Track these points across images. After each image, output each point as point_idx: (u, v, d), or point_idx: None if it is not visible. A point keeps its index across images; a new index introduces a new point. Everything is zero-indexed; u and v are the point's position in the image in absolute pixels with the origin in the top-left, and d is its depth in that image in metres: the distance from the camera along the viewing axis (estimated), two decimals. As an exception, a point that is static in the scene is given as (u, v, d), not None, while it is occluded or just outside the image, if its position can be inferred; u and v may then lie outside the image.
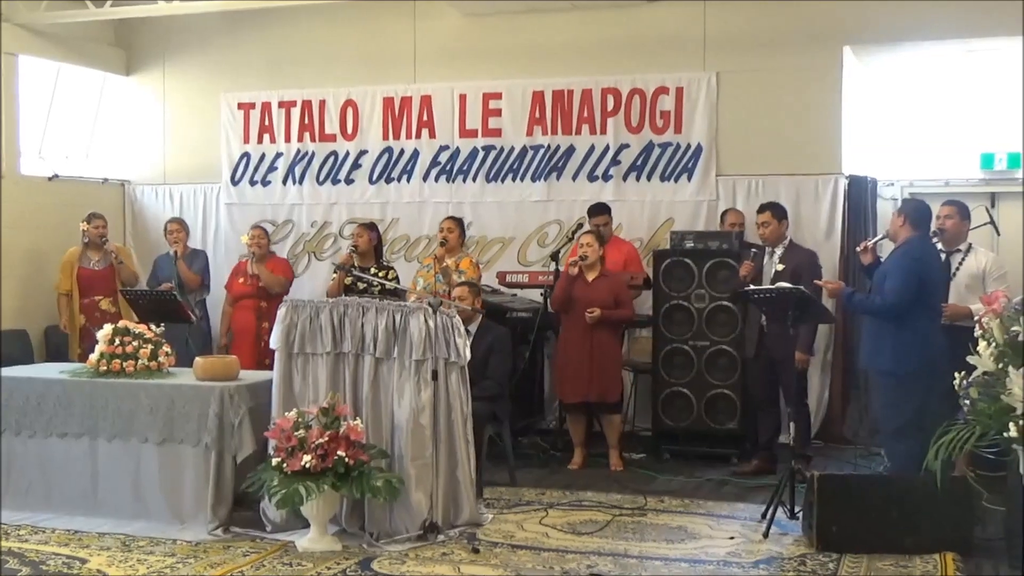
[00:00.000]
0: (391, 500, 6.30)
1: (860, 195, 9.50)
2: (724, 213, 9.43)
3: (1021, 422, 4.05)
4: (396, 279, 8.96)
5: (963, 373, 4.31)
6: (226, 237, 11.04)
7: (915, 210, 6.80)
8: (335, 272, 9.12)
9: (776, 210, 8.34)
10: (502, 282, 9.47)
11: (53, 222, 10.35)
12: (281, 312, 6.73)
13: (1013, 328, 4.16)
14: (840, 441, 9.26)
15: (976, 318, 4.42)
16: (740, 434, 8.63)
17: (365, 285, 8.71)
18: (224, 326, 9.56)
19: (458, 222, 9.21)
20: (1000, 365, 4.19)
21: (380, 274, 8.83)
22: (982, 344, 4.27)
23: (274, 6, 9.80)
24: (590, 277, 8.40)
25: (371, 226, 9.36)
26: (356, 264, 9.00)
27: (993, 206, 9.60)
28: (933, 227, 7.45)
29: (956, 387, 4.34)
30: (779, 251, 8.26)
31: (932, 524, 6.05)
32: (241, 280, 9.39)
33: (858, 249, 7.36)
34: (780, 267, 8.11)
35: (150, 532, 6.51)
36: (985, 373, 4.26)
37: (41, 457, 6.97)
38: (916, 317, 6.53)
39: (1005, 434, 4.08)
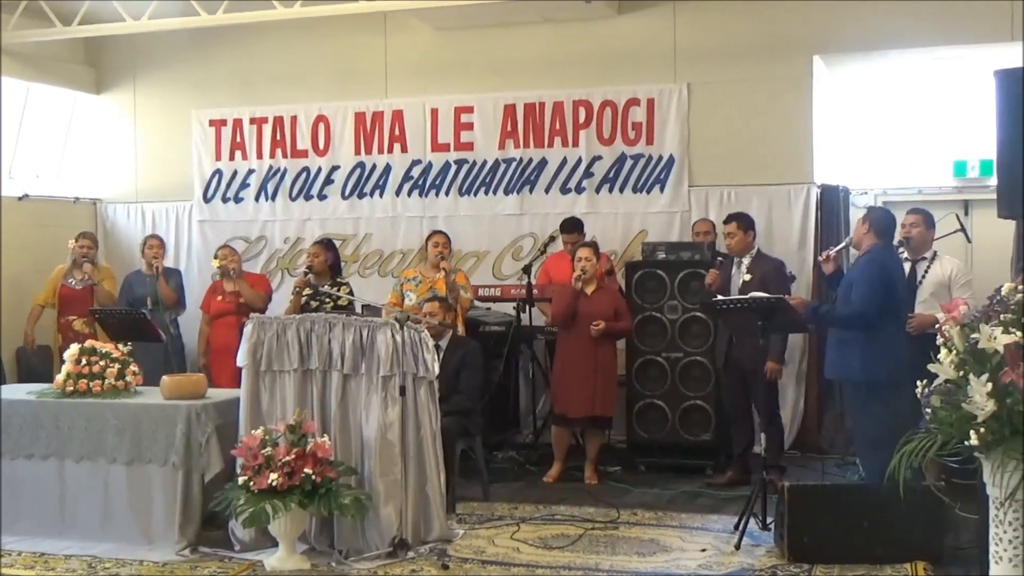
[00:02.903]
0: (359, 517, 6.26)
1: (832, 204, 9.50)
2: (695, 223, 9.40)
3: (982, 430, 4.01)
4: (350, 292, 8.83)
5: (924, 382, 4.27)
6: (198, 255, 10.98)
7: (880, 218, 6.80)
8: (292, 294, 8.98)
9: (742, 220, 8.29)
10: (475, 296, 9.43)
11: (24, 242, 10.28)
12: (247, 329, 6.69)
13: (973, 335, 4.13)
14: (816, 451, 9.23)
15: (937, 325, 4.38)
16: (715, 446, 8.60)
17: (319, 303, 8.64)
18: (202, 345, 9.44)
19: (447, 236, 9.02)
20: (961, 373, 4.16)
21: (333, 290, 8.69)
22: (943, 352, 4.24)
23: (244, 22, 9.74)
24: (589, 290, 8.38)
25: (327, 244, 9.16)
26: (312, 283, 8.77)
27: (967, 214, 9.63)
28: (899, 236, 7.47)
29: (918, 395, 4.30)
30: (746, 261, 8.21)
31: (903, 533, 6.04)
32: (219, 298, 9.26)
33: (820, 258, 7.36)
34: (748, 277, 8.06)
35: (118, 553, 6.46)
36: (947, 381, 4.22)
37: (8, 479, 6.88)
38: (883, 325, 6.52)
39: (966, 442, 4.05)
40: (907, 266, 7.51)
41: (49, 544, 6.62)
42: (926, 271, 7.52)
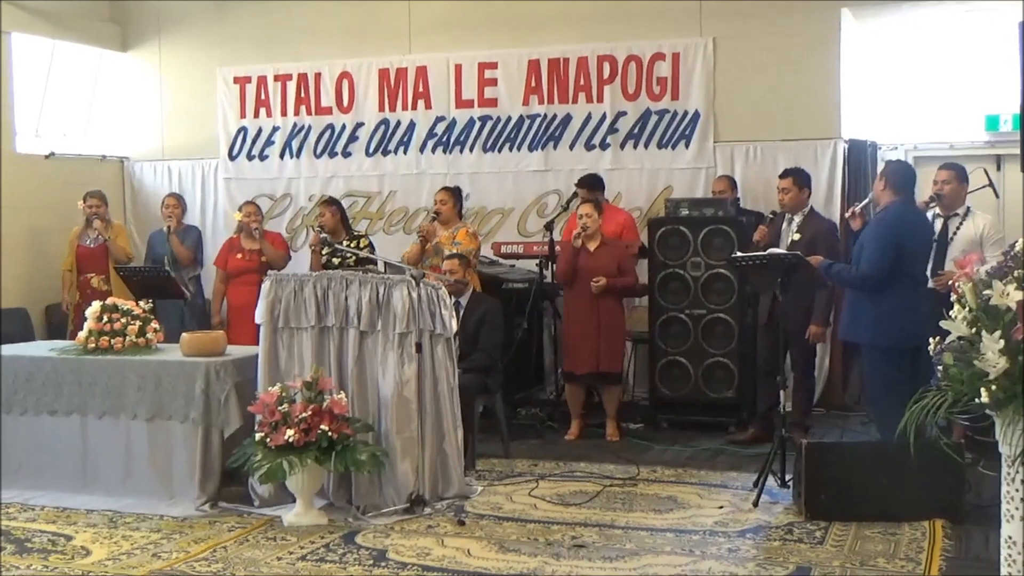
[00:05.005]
0: (376, 473, 6.30)
1: (860, 159, 9.39)
2: (713, 181, 9.32)
3: (993, 387, 3.95)
4: (369, 246, 8.89)
5: (937, 339, 4.21)
6: (225, 212, 10.99)
7: (897, 173, 6.67)
8: (311, 253, 9.01)
9: (798, 176, 8.17)
10: (497, 253, 9.45)
11: (52, 200, 10.32)
12: (265, 287, 6.71)
13: (986, 292, 4.06)
14: (842, 409, 9.20)
15: (950, 282, 4.31)
16: (737, 403, 8.56)
17: (341, 259, 8.67)
18: (217, 304, 9.46)
19: (452, 192, 9.02)
20: (974, 330, 4.09)
21: (352, 245, 8.75)
22: (956, 308, 4.17)
23: (267, -21, 9.73)
24: (592, 247, 8.34)
25: (332, 201, 9.24)
26: (329, 240, 8.79)
27: (999, 168, 9.49)
28: (931, 192, 7.37)
29: (931, 352, 4.24)
30: (798, 219, 8.09)
31: (921, 491, 5.99)
32: (239, 256, 9.28)
33: (846, 215, 7.25)
34: (797, 236, 7.93)
35: (139, 508, 6.52)
36: (959, 338, 4.16)
37: (32, 435, 6.97)
38: (895, 287, 6.43)
39: (977, 400, 3.99)
40: (939, 223, 7.42)
41: (71, 499, 6.69)
42: (958, 228, 7.40)
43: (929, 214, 7.38)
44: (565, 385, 8.67)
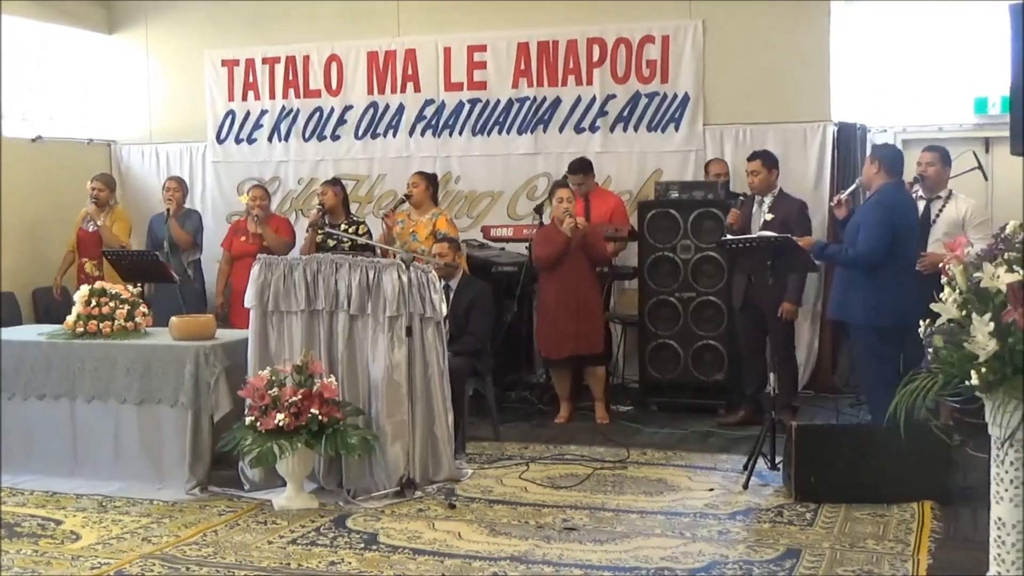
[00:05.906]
0: (366, 457, 6.30)
1: (849, 142, 9.39)
2: (708, 163, 9.32)
3: (983, 370, 3.96)
4: (367, 234, 8.87)
5: (928, 321, 4.22)
6: (213, 196, 10.98)
7: (890, 156, 6.70)
8: (307, 231, 9.02)
9: (766, 159, 8.22)
10: (486, 236, 9.41)
11: (38, 184, 10.28)
12: (254, 270, 6.69)
13: (976, 274, 4.07)
14: (831, 390, 9.21)
15: (941, 264, 4.33)
16: (727, 385, 8.58)
17: (336, 241, 8.67)
18: (221, 285, 9.40)
19: (426, 176, 9.00)
20: (964, 312, 4.10)
21: (350, 230, 8.76)
22: (946, 291, 4.19)
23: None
24: (567, 230, 8.30)
25: (335, 182, 9.25)
26: (327, 221, 8.85)
27: (987, 151, 9.49)
28: (914, 173, 7.39)
29: (920, 335, 4.25)
30: (768, 200, 8.14)
31: (910, 473, 6.02)
32: (243, 239, 9.22)
33: (831, 204, 7.28)
34: (769, 217, 7.99)
35: (129, 492, 6.51)
36: (950, 320, 4.17)
37: (21, 419, 6.95)
38: (889, 268, 6.45)
39: (967, 382, 4.00)
40: (921, 204, 7.45)
41: (61, 483, 6.68)
42: (940, 210, 7.44)
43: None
44: (550, 370, 8.66)
